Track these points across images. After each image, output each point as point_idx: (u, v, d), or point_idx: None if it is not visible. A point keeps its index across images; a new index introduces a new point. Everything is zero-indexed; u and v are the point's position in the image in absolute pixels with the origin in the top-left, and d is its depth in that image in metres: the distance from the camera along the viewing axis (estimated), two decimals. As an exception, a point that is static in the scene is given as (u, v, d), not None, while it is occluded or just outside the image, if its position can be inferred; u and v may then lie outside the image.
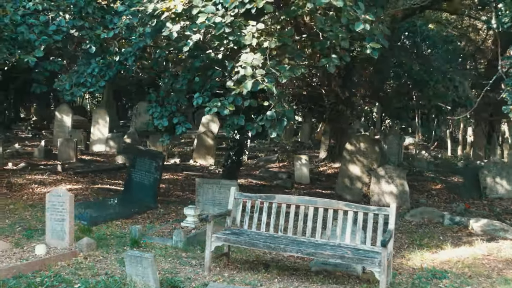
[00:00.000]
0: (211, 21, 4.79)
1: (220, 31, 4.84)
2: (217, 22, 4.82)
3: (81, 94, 6.26)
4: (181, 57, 6.76)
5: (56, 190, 5.88)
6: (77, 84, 6.47)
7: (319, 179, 13.02)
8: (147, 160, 8.85)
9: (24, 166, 11.46)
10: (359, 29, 4.78)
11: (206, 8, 4.88)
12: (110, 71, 6.48)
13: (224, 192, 8.28)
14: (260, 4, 4.47)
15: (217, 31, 4.85)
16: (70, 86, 6.31)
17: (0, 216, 7.00)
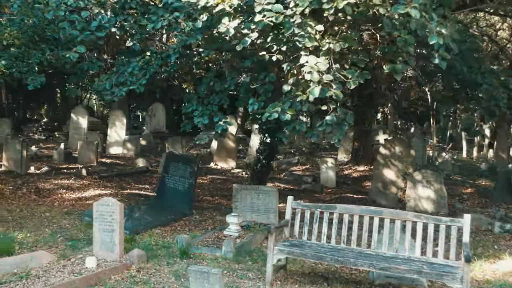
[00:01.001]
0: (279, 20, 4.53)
1: (289, 31, 4.59)
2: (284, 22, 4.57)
3: (122, 93, 6.03)
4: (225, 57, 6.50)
5: (104, 199, 5.63)
6: (117, 83, 6.22)
7: (345, 183, 12.79)
8: (181, 165, 8.60)
9: (47, 170, 11.21)
10: (433, 42, 4.54)
11: (273, 6, 4.62)
12: (152, 68, 6.23)
13: (263, 198, 8.04)
14: (341, 4, 4.22)
15: (286, 31, 4.59)
16: (110, 86, 6.06)
17: (39, 225, 6.75)
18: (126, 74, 6.08)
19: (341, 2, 4.21)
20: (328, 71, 4.77)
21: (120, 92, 5.97)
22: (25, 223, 6.81)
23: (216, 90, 6.60)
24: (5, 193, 8.59)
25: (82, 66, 6.59)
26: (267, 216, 7.94)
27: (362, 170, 13.75)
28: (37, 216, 7.18)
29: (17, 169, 10.67)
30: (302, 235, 5.50)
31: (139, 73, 6.03)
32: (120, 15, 6.05)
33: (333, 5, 4.30)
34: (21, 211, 7.33)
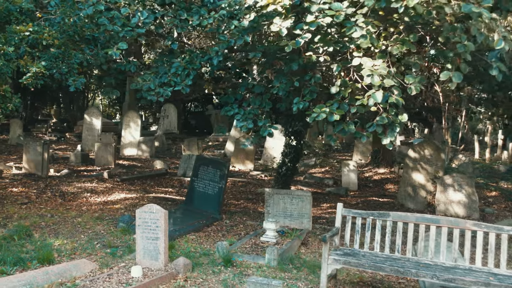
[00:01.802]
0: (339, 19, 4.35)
1: (350, 31, 4.42)
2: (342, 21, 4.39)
3: (168, 93, 5.84)
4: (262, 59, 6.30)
5: (148, 206, 5.45)
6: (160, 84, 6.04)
7: (367, 185, 12.61)
8: (211, 168, 8.43)
9: (67, 173, 11.04)
10: (499, 47, 4.37)
11: (332, 5, 4.45)
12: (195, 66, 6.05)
13: (296, 203, 7.87)
14: (412, 3, 4.04)
15: (347, 31, 4.42)
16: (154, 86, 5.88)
17: (73, 231, 6.57)
18: (169, 75, 5.90)
19: (412, 1, 4.03)
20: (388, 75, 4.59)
21: (165, 92, 5.79)
22: (59, 229, 6.64)
23: (256, 93, 6.43)
24: (31, 197, 8.42)
25: (119, 66, 6.41)
26: (301, 221, 7.77)
27: (382, 173, 13.57)
28: (70, 222, 7.00)
29: (37, 171, 10.50)
30: (353, 244, 5.32)
31: (183, 74, 5.85)
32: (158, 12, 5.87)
33: (403, 4, 4.12)
34: (52, 217, 7.16)
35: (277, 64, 6.01)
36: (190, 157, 12.51)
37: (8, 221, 6.73)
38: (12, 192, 8.70)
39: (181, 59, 6.19)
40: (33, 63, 5.45)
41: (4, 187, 9.06)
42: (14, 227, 6.39)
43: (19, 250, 5.62)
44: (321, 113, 5.22)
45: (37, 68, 5.37)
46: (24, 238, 6.05)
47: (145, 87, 5.90)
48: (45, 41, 5.48)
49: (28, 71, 5.42)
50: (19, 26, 5.43)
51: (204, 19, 5.29)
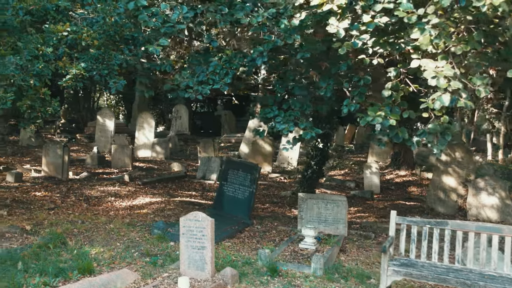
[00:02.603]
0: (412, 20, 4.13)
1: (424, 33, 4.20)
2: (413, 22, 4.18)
3: (207, 91, 5.62)
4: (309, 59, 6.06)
5: (193, 214, 5.23)
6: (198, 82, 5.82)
7: (389, 188, 12.39)
8: (241, 172, 8.22)
9: (86, 176, 10.81)
10: None
11: (402, 5, 4.23)
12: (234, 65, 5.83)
13: (331, 208, 7.65)
14: (497, 1, 3.81)
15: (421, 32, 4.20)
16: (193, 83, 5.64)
17: (108, 238, 6.34)
18: (207, 73, 5.68)
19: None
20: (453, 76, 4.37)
21: (204, 90, 5.57)
22: (92, 236, 6.41)
23: (296, 95, 6.21)
24: (56, 202, 8.19)
25: (152, 65, 6.18)
26: (336, 226, 7.55)
27: (404, 175, 13.35)
28: (102, 228, 6.78)
29: (58, 174, 10.27)
30: (408, 253, 5.10)
31: (221, 72, 5.63)
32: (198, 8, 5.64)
33: (485, 2, 3.89)
34: (83, 223, 6.93)
35: (322, 65, 5.79)
36: (209, 159, 12.29)
37: (39, 228, 6.50)
38: (36, 196, 8.47)
39: (218, 59, 5.97)
40: (72, 65, 5.22)
41: (27, 191, 8.83)
42: (47, 235, 6.16)
43: (56, 260, 5.39)
44: (376, 117, 5.00)
45: (77, 70, 5.14)
46: (59, 246, 5.83)
47: (183, 84, 5.67)
48: (84, 41, 5.26)
49: (67, 73, 5.19)
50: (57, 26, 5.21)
51: (253, 18, 5.07)
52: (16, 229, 6.28)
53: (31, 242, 5.91)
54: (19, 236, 6.09)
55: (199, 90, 5.59)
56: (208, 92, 5.61)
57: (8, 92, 4.88)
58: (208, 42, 5.85)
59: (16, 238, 6.02)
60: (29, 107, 5.29)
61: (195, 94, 5.60)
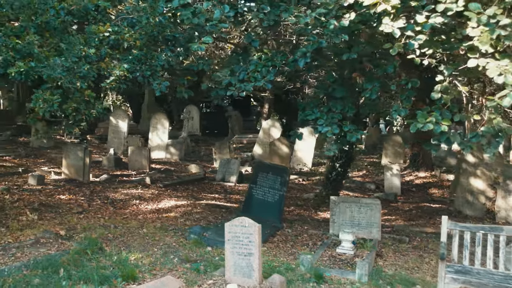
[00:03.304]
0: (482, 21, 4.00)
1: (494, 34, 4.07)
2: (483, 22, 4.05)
3: (250, 88, 5.50)
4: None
5: (239, 220, 5.10)
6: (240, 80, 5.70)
7: (409, 190, 12.27)
8: (271, 175, 8.09)
9: (106, 178, 10.67)
10: None
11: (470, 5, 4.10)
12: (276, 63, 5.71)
13: (364, 211, 7.52)
14: None
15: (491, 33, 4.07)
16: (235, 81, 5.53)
17: (144, 244, 6.21)
18: (249, 71, 5.56)
19: None
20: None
21: (247, 87, 5.45)
22: (127, 241, 6.28)
23: (337, 97, 6.08)
24: (83, 205, 8.06)
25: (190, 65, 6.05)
26: (369, 230, 7.42)
27: (423, 177, 13.23)
28: (135, 233, 6.64)
29: (78, 177, 10.13)
30: (462, 260, 4.97)
31: (263, 70, 5.51)
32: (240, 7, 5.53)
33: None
34: (116, 228, 6.79)
35: (366, 67, 5.66)
36: (229, 161, 12.17)
37: (73, 233, 6.37)
38: (61, 199, 8.33)
39: (258, 57, 5.85)
40: (115, 66, 5.09)
41: (51, 194, 8.70)
42: (82, 240, 6.03)
43: (97, 266, 5.25)
44: (427, 123, 4.87)
45: (120, 72, 5.01)
46: (97, 252, 5.69)
47: (225, 82, 5.55)
48: (126, 42, 5.13)
49: (110, 74, 5.06)
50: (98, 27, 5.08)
51: (301, 18, 4.94)
52: (50, 234, 6.15)
53: (68, 248, 5.77)
54: (54, 242, 5.96)
55: (241, 87, 5.46)
56: (250, 89, 5.50)
57: (55, 94, 4.75)
58: (249, 41, 5.73)
59: (52, 244, 5.89)
60: (74, 110, 5.16)
61: (237, 91, 5.48)
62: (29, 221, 6.74)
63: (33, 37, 4.78)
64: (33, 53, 4.71)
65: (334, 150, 6.28)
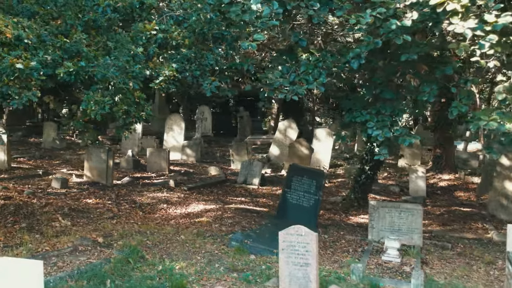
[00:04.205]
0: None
1: None
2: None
3: (303, 92, 5.24)
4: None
5: (295, 228, 4.86)
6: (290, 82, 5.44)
7: (435, 193, 12.03)
8: (306, 179, 7.85)
9: (129, 181, 10.44)
10: None
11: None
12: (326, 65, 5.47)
13: (405, 217, 7.28)
14: None
15: None
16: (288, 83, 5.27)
17: (185, 251, 5.97)
18: (299, 73, 5.32)
19: None
20: None
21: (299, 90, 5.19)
22: (167, 249, 6.04)
23: (385, 99, 5.85)
24: (112, 210, 7.82)
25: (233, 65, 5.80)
26: (410, 236, 7.18)
27: (448, 179, 12.98)
28: (173, 240, 6.41)
29: (101, 180, 9.89)
30: (530, 270, 4.73)
31: (315, 72, 5.26)
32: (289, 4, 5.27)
33: None
34: (152, 234, 6.55)
35: (421, 68, 5.43)
36: (251, 163, 11.93)
37: (110, 239, 6.13)
38: (88, 204, 8.10)
39: (306, 58, 5.60)
40: (164, 66, 4.84)
41: (77, 198, 8.45)
42: (122, 248, 5.80)
43: (142, 276, 5.02)
44: (490, 121, 4.63)
45: (169, 71, 4.76)
46: (139, 261, 5.46)
47: (276, 84, 5.29)
48: (174, 40, 4.88)
49: (159, 74, 4.81)
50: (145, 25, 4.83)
51: (360, 17, 4.70)
52: (88, 241, 5.91)
53: (108, 256, 5.54)
54: (93, 249, 5.72)
55: (294, 90, 5.21)
56: (303, 92, 5.25)
57: (106, 96, 4.51)
58: (296, 40, 5.48)
59: (91, 252, 5.65)
60: (124, 112, 4.91)
61: (290, 95, 5.22)
62: (63, 227, 6.50)
63: (80, 36, 4.54)
64: (81, 52, 4.47)
65: (384, 155, 6.03)
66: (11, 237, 5.96)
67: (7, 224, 6.49)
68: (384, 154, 5.94)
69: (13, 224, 6.50)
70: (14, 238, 5.94)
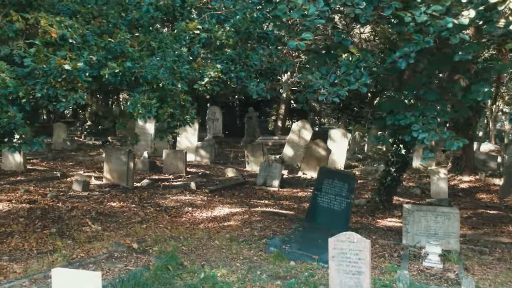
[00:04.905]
0: None
1: None
2: None
3: (344, 94, 5.04)
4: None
5: (346, 235, 4.67)
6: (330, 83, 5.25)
7: (456, 195, 11.84)
8: (337, 182, 7.67)
9: (148, 183, 10.25)
10: None
11: None
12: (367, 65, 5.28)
13: (441, 221, 7.11)
14: None
15: None
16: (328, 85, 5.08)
17: (222, 257, 5.78)
18: (340, 74, 5.13)
19: None
20: None
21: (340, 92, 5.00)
22: (204, 255, 5.85)
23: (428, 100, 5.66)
24: (139, 214, 7.63)
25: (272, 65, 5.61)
26: (447, 241, 7.00)
27: (468, 181, 12.81)
28: (208, 245, 6.21)
29: (122, 182, 9.70)
30: None
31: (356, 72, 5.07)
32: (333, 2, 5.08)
33: None
34: (186, 240, 6.37)
35: (471, 68, 5.25)
36: (270, 165, 11.75)
37: (145, 245, 5.93)
38: (113, 207, 7.90)
39: (346, 58, 5.41)
40: (208, 66, 4.65)
41: (100, 201, 8.27)
42: (158, 254, 5.61)
43: (185, 284, 4.84)
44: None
45: (214, 72, 4.56)
46: (178, 268, 5.27)
47: (316, 85, 5.10)
48: (219, 40, 4.69)
49: (203, 75, 4.61)
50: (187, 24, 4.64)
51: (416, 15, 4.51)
52: (122, 247, 5.72)
53: (146, 263, 5.35)
54: (129, 256, 5.53)
55: (335, 92, 5.02)
56: (345, 94, 5.05)
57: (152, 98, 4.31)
58: (339, 40, 5.30)
59: (127, 258, 5.46)
60: (170, 115, 4.72)
61: (331, 97, 5.03)
62: (94, 232, 6.31)
63: (124, 35, 4.35)
64: (126, 53, 4.28)
65: (431, 158, 5.83)
66: (43, 243, 5.77)
67: (36, 229, 6.30)
68: (430, 157, 5.74)
69: (43, 229, 6.31)
70: (46, 244, 5.75)
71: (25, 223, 6.46)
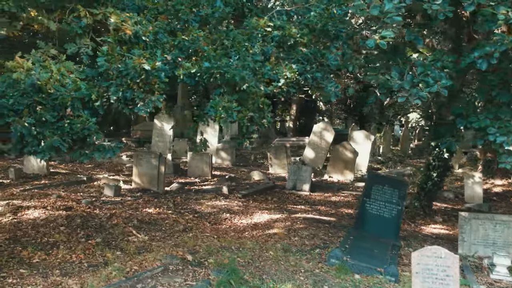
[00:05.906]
0: None
1: None
2: None
3: (424, 96, 4.70)
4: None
5: (432, 249, 4.33)
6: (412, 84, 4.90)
7: (491, 199, 11.50)
8: (387, 188, 7.33)
9: (178, 187, 9.90)
10: None
11: None
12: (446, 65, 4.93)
13: (500, 229, 6.78)
14: None
15: None
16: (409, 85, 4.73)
17: (282, 270, 5.42)
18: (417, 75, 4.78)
19: None
20: None
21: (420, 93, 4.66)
22: (262, 267, 5.49)
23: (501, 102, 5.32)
24: (180, 221, 7.27)
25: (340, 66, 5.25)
26: (507, 251, 6.65)
27: (501, 185, 12.46)
28: (264, 256, 5.86)
29: (152, 187, 9.35)
30: None
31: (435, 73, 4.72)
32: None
33: None
34: (238, 250, 6.01)
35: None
36: (299, 168, 11.38)
37: (199, 257, 5.57)
38: (150, 214, 7.55)
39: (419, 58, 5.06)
40: (282, 66, 4.30)
41: (134, 207, 7.91)
42: (215, 267, 5.25)
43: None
44: None
45: (291, 73, 4.22)
46: (240, 282, 4.91)
47: (396, 86, 4.75)
48: (293, 38, 4.34)
49: (278, 76, 4.26)
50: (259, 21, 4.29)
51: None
52: (176, 260, 5.37)
53: (205, 277, 4.99)
54: (185, 269, 5.17)
55: (416, 93, 4.67)
56: (425, 96, 4.70)
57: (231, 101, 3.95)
58: (410, 39, 4.95)
59: (184, 272, 5.10)
60: (249, 120, 4.35)
61: (412, 98, 4.68)
62: (142, 243, 5.95)
63: (197, 33, 3.99)
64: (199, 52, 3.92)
65: (510, 163, 5.48)
66: (91, 255, 5.41)
67: (80, 238, 5.94)
68: (510, 162, 5.40)
69: (87, 238, 5.95)
70: (95, 255, 5.39)
71: (67, 232, 6.10)
